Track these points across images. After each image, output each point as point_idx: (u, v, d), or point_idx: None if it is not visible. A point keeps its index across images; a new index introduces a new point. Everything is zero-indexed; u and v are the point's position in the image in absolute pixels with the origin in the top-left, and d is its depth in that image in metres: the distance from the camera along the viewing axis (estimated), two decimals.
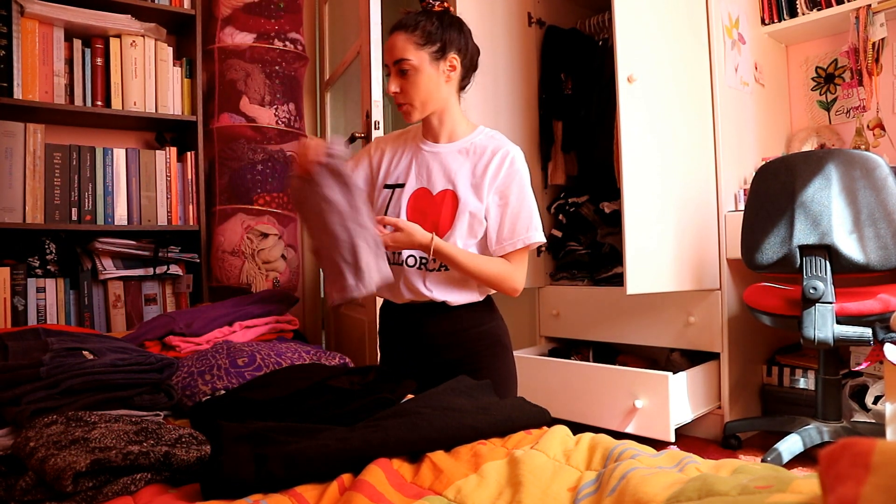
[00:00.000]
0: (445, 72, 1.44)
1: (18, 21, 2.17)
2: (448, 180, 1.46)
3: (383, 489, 0.79)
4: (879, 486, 0.40)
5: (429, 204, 1.46)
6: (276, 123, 2.62)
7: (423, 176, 1.49)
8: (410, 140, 1.55)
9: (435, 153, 1.50)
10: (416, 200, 1.48)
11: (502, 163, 1.46)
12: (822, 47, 2.58)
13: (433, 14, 1.45)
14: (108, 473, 0.82)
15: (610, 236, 2.55)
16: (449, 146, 1.50)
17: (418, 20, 1.42)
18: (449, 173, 1.47)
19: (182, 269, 2.51)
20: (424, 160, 1.50)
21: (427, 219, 1.45)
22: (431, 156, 1.50)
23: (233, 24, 2.57)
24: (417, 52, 1.40)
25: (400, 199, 1.48)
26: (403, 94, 1.42)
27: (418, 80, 1.41)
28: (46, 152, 2.23)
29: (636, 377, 2.08)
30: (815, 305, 1.77)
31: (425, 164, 1.49)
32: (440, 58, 1.42)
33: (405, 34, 1.41)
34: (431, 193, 1.47)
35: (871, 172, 1.73)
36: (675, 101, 2.13)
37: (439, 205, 1.45)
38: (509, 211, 1.46)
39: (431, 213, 1.45)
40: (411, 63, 1.40)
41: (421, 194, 1.48)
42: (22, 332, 1.43)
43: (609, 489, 0.74)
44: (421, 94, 1.42)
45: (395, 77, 1.42)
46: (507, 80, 2.59)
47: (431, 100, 1.44)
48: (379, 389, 1.14)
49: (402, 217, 1.46)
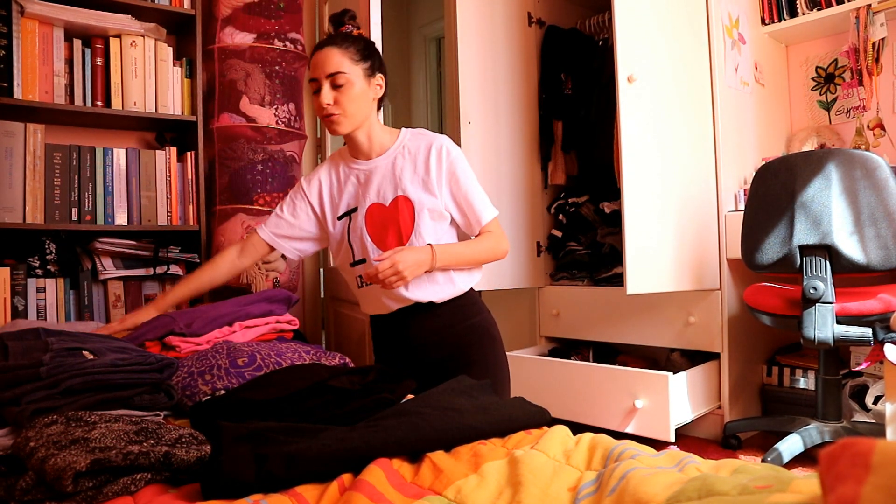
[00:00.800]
0: (374, 88, 1.52)
1: (18, 21, 2.17)
2: (396, 187, 1.54)
3: (383, 489, 0.79)
4: (879, 486, 0.40)
5: (385, 215, 1.53)
6: (276, 123, 2.62)
7: (372, 193, 1.55)
8: (342, 166, 1.61)
9: (373, 168, 1.56)
10: (372, 216, 1.54)
11: (440, 155, 1.55)
12: (822, 47, 2.58)
13: (358, 38, 1.53)
14: (108, 473, 0.82)
15: (610, 236, 2.55)
16: (383, 158, 1.57)
17: (348, 40, 1.50)
18: (394, 181, 1.54)
19: (182, 270, 2.51)
20: (367, 178, 1.57)
21: (388, 229, 1.52)
22: (371, 172, 1.56)
23: (233, 24, 2.57)
24: (353, 67, 1.47)
25: (356, 221, 1.55)
26: (337, 106, 1.47)
27: (352, 92, 1.47)
28: (46, 152, 2.23)
29: (636, 377, 2.08)
30: (816, 305, 1.77)
31: (369, 182, 1.56)
32: (371, 75, 1.51)
33: (339, 49, 1.47)
34: (384, 205, 1.54)
35: (871, 172, 1.73)
36: (676, 101, 2.13)
37: (395, 212, 1.52)
38: (465, 197, 1.55)
39: (391, 222, 1.52)
40: (347, 77, 1.46)
41: (375, 210, 1.55)
42: (22, 332, 1.43)
43: (609, 489, 0.74)
44: (353, 106, 1.48)
45: (328, 90, 1.47)
46: (507, 80, 2.59)
47: (361, 113, 1.51)
48: (379, 389, 1.14)
49: (364, 236, 1.54)
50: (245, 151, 2.58)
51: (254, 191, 2.58)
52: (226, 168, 2.59)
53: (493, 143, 2.51)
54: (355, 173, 1.58)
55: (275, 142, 2.65)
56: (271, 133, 2.62)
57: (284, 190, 2.67)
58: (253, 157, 2.59)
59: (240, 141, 2.58)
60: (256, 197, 2.59)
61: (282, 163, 2.66)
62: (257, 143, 2.61)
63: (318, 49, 1.50)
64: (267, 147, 2.63)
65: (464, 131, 2.41)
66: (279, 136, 2.65)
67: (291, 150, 2.72)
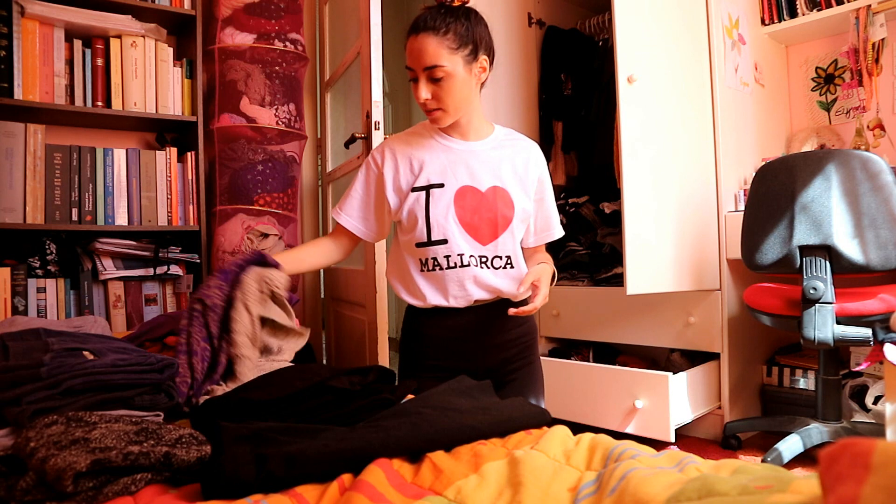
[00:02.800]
0: (476, 74, 1.38)
1: (19, 21, 2.17)
2: (494, 176, 1.42)
3: (383, 489, 0.79)
4: (879, 486, 0.40)
5: (480, 201, 1.40)
6: (276, 124, 2.62)
7: (464, 174, 1.41)
8: (427, 139, 1.45)
9: (472, 151, 1.43)
10: (463, 198, 1.40)
11: (537, 160, 1.48)
12: (822, 48, 2.58)
13: (458, 12, 1.35)
14: (108, 474, 0.82)
15: (610, 237, 2.55)
16: (482, 143, 1.45)
17: (447, 21, 1.33)
18: (493, 170, 1.42)
19: (182, 270, 2.51)
20: (461, 158, 1.42)
21: (482, 215, 1.40)
22: (468, 154, 1.43)
23: (233, 24, 2.57)
24: (451, 57, 1.32)
25: (440, 198, 1.39)
26: (436, 101, 1.35)
27: (452, 85, 1.33)
28: (47, 153, 2.23)
29: (636, 377, 2.08)
30: (816, 306, 1.77)
31: (463, 162, 1.42)
32: (472, 60, 1.36)
33: (436, 37, 1.31)
34: (479, 190, 1.41)
35: (871, 173, 1.73)
36: (675, 102, 2.13)
37: (493, 201, 1.41)
38: (546, 205, 1.50)
39: (485, 210, 1.40)
40: (445, 69, 1.32)
41: (467, 191, 1.40)
42: (22, 333, 1.43)
43: (609, 489, 0.74)
44: (454, 99, 1.35)
45: (425, 83, 1.34)
46: (507, 81, 2.59)
47: (463, 103, 1.37)
48: (379, 389, 1.14)
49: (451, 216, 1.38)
50: (245, 152, 2.59)
51: (254, 191, 2.59)
52: (226, 168, 2.59)
53: None
54: (447, 150, 1.43)
55: (275, 142, 2.65)
56: (271, 133, 2.62)
57: (285, 190, 2.67)
58: (253, 157, 2.60)
59: (240, 141, 2.58)
60: (257, 197, 2.59)
61: (282, 163, 2.66)
62: (257, 144, 2.61)
63: (413, 33, 1.34)
64: (267, 147, 2.63)
65: None
66: (279, 137, 2.65)
67: (291, 151, 2.72)
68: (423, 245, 1.40)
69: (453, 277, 1.40)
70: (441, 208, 1.38)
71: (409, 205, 1.40)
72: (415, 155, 1.43)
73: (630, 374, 2.10)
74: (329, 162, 3.00)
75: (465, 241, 1.39)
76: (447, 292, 1.41)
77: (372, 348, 2.17)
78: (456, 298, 1.41)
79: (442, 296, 1.41)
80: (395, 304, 4.52)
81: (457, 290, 1.40)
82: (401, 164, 1.43)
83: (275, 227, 2.61)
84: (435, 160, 1.42)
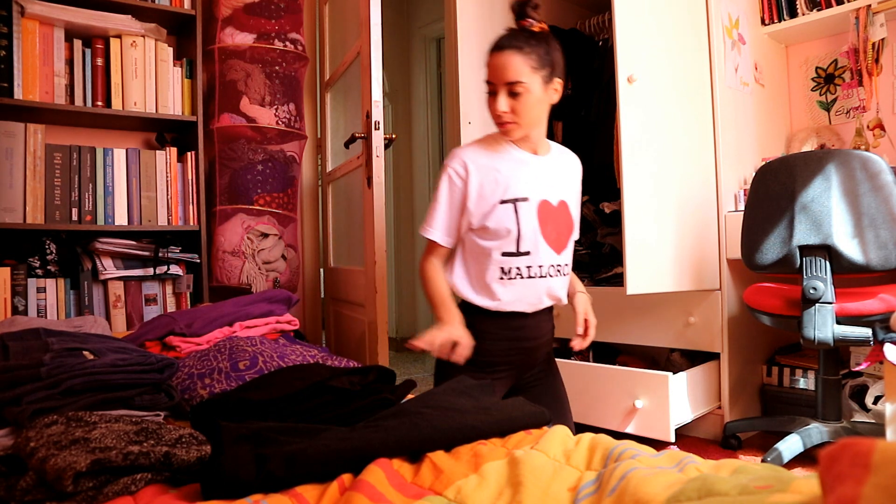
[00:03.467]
0: (550, 94, 1.46)
1: (19, 21, 2.17)
2: (562, 191, 1.53)
3: (383, 489, 0.79)
4: (879, 486, 0.40)
5: (554, 216, 1.51)
6: (276, 124, 2.62)
7: (541, 187, 1.49)
8: (504, 153, 1.50)
9: (542, 165, 1.52)
10: (542, 212, 1.49)
11: (580, 171, 1.63)
12: (822, 47, 2.58)
13: (539, 36, 1.44)
14: (108, 473, 0.82)
15: (610, 236, 2.55)
16: (549, 158, 1.54)
17: (530, 42, 1.42)
18: (561, 184, 1.54)
19: (182, 270, 2.51)
20: (536, 172, 1.50)
21: (554, 230, 1.51)
22: (542, 167, 1.51)
23: (233, 24, 2.57)
24: (531, 75, 1.40)
25: (529, 211, 1.47)
26: (512, 114, 1.43)
27: (529, 100, 1.41)
28: (47, 152, 2.23)
29: (636, 377, 2.08)
30: (815, 305, 1.77)
31: (539, 176, 1.50)
32: (549, 81, 1.44)
33: (521, 56, 1.40)
34: (552, 204, 1.50)
35: (870, 173, 1.73)
36: (675, 102, 2.13)
37: (561, 216, 1.52)
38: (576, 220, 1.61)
39: (557, 224, 1.51)
40: (525, 86, 1.40)
41: (545, 206, 1.49)
42: (23, 333, 1.43)
43: (609, 489, 0.74)
44: (529, 115, 1.43)
45: (504, 97, 1.42)
46: None
47: (536, 120, 1.47)
48: (379, 389, 1.14)
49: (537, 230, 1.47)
50: (245, 152, 2.59)
51: (254, 191, 2.59)
52: (226, 168, 2.59)
53: None
54: (524, 163, 1.50)
55: (275, 142, 2.65)
56: (271, 133, 2.62)
57: (284, 190, 2.67)
58: (253, 157, 2.60)
59: (240, 141, 2.58)
60: (256, 197, 2.59)
61: (282, 163, 2.66)
62: (257, 144, 2.61)
63: (497, 50, 1.42)
64: (267, 147, 2.63)
65: (464, 131, 2.41)
66: (279, 137, 2.65)
67: (291, 151, 2.72)
68: (509, 255, 1.48)
69: (531, 286, 1.50)
70: (529, 221, 1.46)
71: (499, 216, 1.46)
72: (497, 167, 1.48)
73: (630, 374, 2.10)
74: (329, 162, 3.00)
75: (547, 253, 1.50)
76: (524, 300, 1.50)
77: (372, 348, 2.17)
78: (531, 305, 1.52)
79: (519, 302, 1.50)
80: (395, 304, 4.52)
81: (533, 297, 1.51)
82: (485, 176, 1.48)
83: (275, 226, 2.61)
84: (516, 173, 1.48)
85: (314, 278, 3.11)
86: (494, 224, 1.45)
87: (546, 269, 1.50)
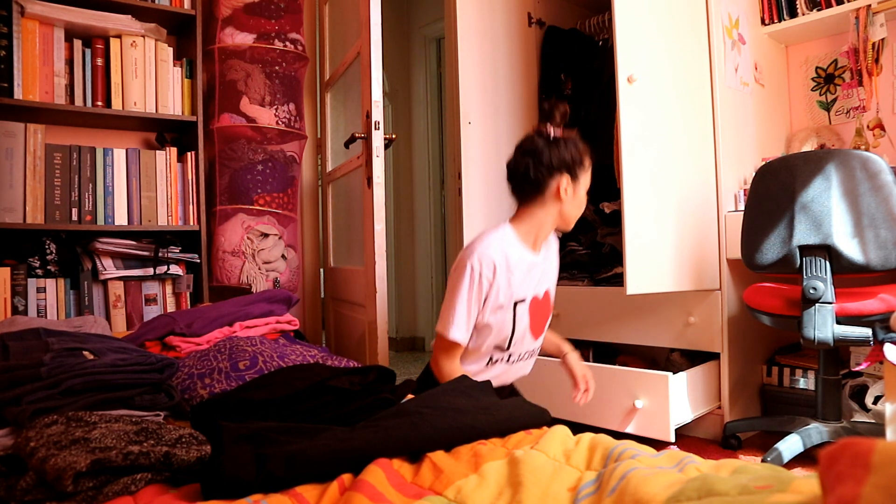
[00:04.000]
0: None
1: (19, 21, 2.17)
2: (547, 282, 1.69)
3: (383, 489, 0.79)
4: (879, 486, 0.40)
5: (540, 307, 1.67)
6: (276, 124, 2.62)
7: (534, 284, 1.63)
8: (515, 254, 1.58)
9: (540, 261, 1.64)
10: (533, 308, 1.63)
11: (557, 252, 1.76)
12: (822, 47, 2.58)
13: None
14: (108, 473, 0.82)
15: (610, 236, 2.55)
16: (544, 253, 1.66)
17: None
18: (547, 276, 1.69)
19: (182, 270, 2.51)
20: (534, 271, 1.62)
21: (539, 320, 1.67)
22: (537, 265, 1.63)
23: (233, 24, 2.57)
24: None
25: (524, 312, 1.60)
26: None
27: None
28: (47, 152, 2.23)
29: (636, 377, 2.08)
30: (815, 305, 1.77)
31: (534, 275, 1.62)
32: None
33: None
34: (539, 298, 1.65)
35: (870, 172, 1.73)
36: (675, 102, 2.13)
37: (544, 305, 1.69)
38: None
39: (541, 315, 1.68)
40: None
41: (535, 301, 1.64)
42: (23, 333, 1.43)
43: (609, 489, 0.74)
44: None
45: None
46: (506, 81, 2.59)
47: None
48: (379, 390, 1.14)
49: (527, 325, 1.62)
50: (245, 152, 2.59)
51: (254, 191, 2.59)
52: (226, 168, 2.59)
53: (493, 143, 2.51)
54: (530, 265, 1.61)
55: (275, 142, 2.65)
56: (271, 133, 2.62)
57: (284, 190, 2.67)
58: (253, 157, 2.60)
59: (240, 141, 2.58)
60: (257, 197, 2.59)
61: (282, 163, 2.66)
62: (257, 144, 2.61)
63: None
64: (267, 147, 2.63)
65: (464, 131, 2.41)
66: (279, 137, 2.65)
67: (291, 151, 2.72)
68: (500, 348, 1.62)
69: (508, 369, 1.68)
70: (523, 321, 1.61)
71: (500, 316, 1.57)
72: (512, 270, 1.57)
73: (630, 374, 2.10)
74: (329, 162, 3.00)
75: (528, 342, 1.67)
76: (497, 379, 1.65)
77: (372, 348, 2.17)
78: (501, 382, 1.68)
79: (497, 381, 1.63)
80: (395, 304, 4.52)
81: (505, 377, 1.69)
82: (504, 280, 1.56)
83: (275, 226, 2.61)
84: (526, 277, 1.60)
85: (314, 278, 3.11)
86: (495, 321, 1.56)
87: (524, 355, 1.69)
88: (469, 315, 1.54)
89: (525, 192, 1.59)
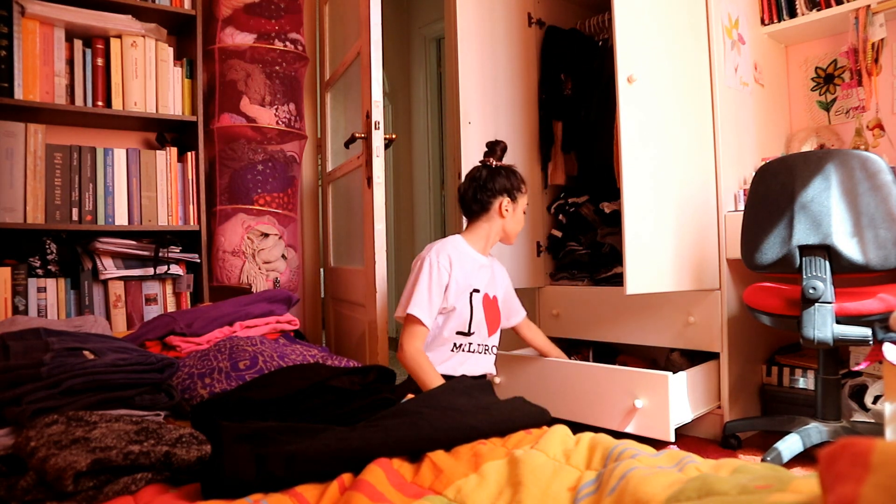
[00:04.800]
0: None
1: (19, 21, 2.17)
2: (494, 288, 1.98)
3: (383, 489, 0.79)
4: (879, 486, 0.40)
5: (491, 306, 1.96)
6: (276, 124, 2.62)
7: (487, 282, 1.94)
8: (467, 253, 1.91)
9: (487, 266, 1.96)
10: (485, 302, 1.92)
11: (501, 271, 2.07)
12: (822, 48, 2.58)
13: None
14: (108, 473, 0.82)
15: (610, 236, 2.55)
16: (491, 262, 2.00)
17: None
18: (496, 284, 1.99)
19: (183, 269, 2.51)
20: (484, 271, 1.94)
21: (490, 317, 1.94)
22: (485, 267, 1.95)
23: (233, 24, 2.57)
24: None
25: (479, 301, 1.90)
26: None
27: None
28: (47, 152, 2.23)
29: (636, 377, 2.08)
30: (815, 305, 1.77)
31: (484, 274, 1.94)
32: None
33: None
34: (490, 297, 1.95)
35: (870, 172, 1.73)
36: (675, 102, 2.13)
37: (494, 307, 1.97)
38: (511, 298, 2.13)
39: (492, 313, 1.95)
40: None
41: (486, 298, 1.93)
42: (23, 332, 1.43)
43: (609, 489, 0.74)
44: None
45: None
46: (506, 81, 2.59)
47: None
48: (379, 389, 1.15)
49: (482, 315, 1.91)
50: (245, 151, 2.59)
51: (254, 191, 2.59)
52: (226, 168, 2.59)
53: None
54: (480, 265, 1.92)
55: (275, 142, 2.66)
56: (271, 133, 2.62)
57: (285, 190, 2.67)
58: (253, 157, 2.60)
59: (240, 141, 2.58)
60: (257, 197, 2.59)
61: (282, 163, 2.66)
62: (257, 144, 2.61)
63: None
64: (267, 147, 2.63)
65: (464, 131, 2.41)
66: (279, 137, 2.65)
67: (292, 151, 2.72)
68: (461, 333, 1.88)
69: (472, 359, 1.91)
70: (479, 310, 1.89)
71: (462, 302, 1.86)
72: (464, 265, 1.88)
73: (630, 374, 2.10)
74: (329, 162, 3.00)
75: (484, 334, 1.92)
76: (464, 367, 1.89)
77: (372, 348, 2.17)
78: (468, 372, 1.90)
79: (463, 369, 1.89)
80: (394, 304, 4.51)
81: (471, 367, 1.91)
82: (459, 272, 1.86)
83: (275, 226, 2.61)
84: (479, 271, 1.92)
85: (314, 278, 3.11)
86: (458, 306, 1.84)
87: (481, 348, 1.93)
88: (430, 298, 1.78)
89: (473, 212, 1.94)
